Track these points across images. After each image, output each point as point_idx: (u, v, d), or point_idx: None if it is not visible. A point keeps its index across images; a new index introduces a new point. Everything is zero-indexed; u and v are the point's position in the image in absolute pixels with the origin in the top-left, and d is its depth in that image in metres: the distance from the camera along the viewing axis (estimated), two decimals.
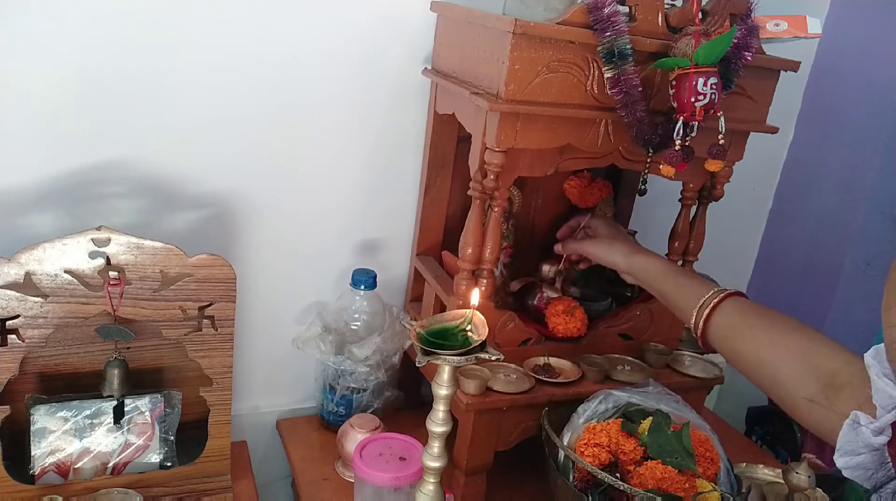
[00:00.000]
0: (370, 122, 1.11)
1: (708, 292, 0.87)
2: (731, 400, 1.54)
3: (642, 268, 0.98)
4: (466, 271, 0.97)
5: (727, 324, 0.83)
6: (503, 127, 0.86)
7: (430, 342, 0.72)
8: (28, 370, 0.91)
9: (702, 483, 0.84)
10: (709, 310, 0.85)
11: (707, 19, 0.90)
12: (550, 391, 0.98)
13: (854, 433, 0.62)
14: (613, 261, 1.02)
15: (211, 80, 0.99)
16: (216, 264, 0.88)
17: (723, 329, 0.84)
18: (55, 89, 0.92)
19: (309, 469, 1.09)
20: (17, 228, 0.95)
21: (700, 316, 0.85)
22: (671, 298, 0.93)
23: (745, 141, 1.02)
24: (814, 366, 0.73)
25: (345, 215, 1.15)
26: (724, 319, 0.84)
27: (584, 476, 0.87)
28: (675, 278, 0.94)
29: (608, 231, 1.08)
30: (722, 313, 0.84)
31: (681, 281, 0.92)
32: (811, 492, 0.93)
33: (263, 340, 1.15)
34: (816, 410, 0.71)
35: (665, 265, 0.97)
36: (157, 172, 1.01)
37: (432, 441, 0.76)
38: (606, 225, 1.09)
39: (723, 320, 0.84)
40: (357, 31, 1.05)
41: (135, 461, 0.94)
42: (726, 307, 0.84)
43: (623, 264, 1.00)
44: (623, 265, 1.00)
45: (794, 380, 0.74)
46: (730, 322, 0.83)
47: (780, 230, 1.57)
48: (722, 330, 0.84)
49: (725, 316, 0.84)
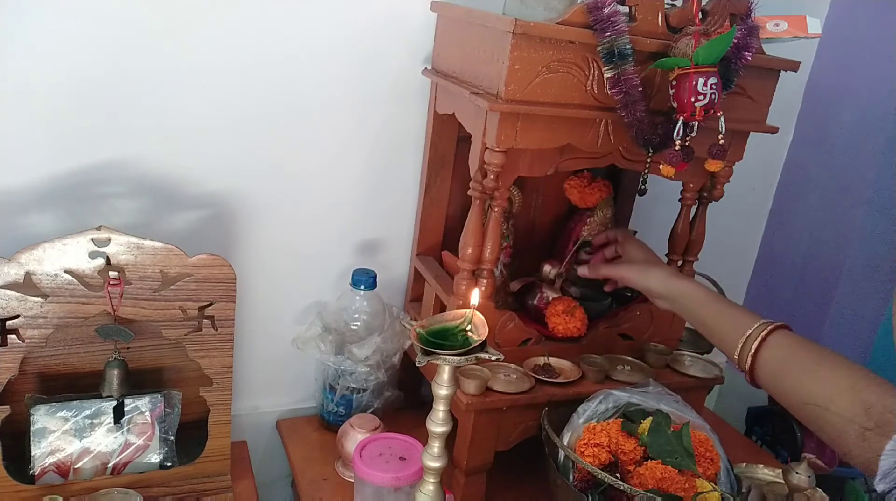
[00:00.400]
0: (370, 122, 1.11)
1: (754, 324, 0.83)
2: (731, 400, 1.54)
3: (681, 295, 0.94)
4: (466, 271, 0.97)
5: (776, 359, 0.80)
6: (503, 127, 0.86)
7: (430, 342, 0.72)
8: (28, 370, 0.91)
9: (702, 483, 0.84)
10: (756, 344, 0.81)
11: (707, 19, 0.90)
12: (550, 391, 0.98)
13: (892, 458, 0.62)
14: (648, 287, 0.98)
15: (211, 80, 0.99)
16: (216, 264, 0.88)
17: (771, 365, 0.81)
18: (55, 89, 0.92)
19: (309, 469, 1.09)
20: (17, 228, 0.95)
21: (747, 350, 0.82)
22: (712, 328, 0.89)
23: (745, 141, 1.02)
24: (866, 404, 0.71)
25: (345, 215, 1.15)
26: (772, 354, 0.81)
27: (584, 476, 0.87)
28: (716, 306, 0.90)
29: (642, 254, 1.04)
30: (770, 347, 0.81)
31: (723, 311, 0.89)
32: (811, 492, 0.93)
33: (263, 340, 1.15)
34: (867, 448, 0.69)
35: (705, 293, 0.93)
36: (157, 172, 1.01)
37: (432, 441, 0.77)
38: (638, 247, 1.05)
39: (771, 355, 0.81)
40: (357, 32, 1.05)
41: (135, 461, 0.94)
42: (774, 341, 0.81)
43: (661, 289, 0.97)
44: (661, 292, 0.97)
45: (847, 419, 0.72)
46: (779, 358, 0.80)
47: (780, 230, 1.57)
48: (770, 366, 0.81)
49: (774, 351, 0.81)
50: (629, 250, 1.05)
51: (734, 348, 0.84)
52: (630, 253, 1.05)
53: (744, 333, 0.83)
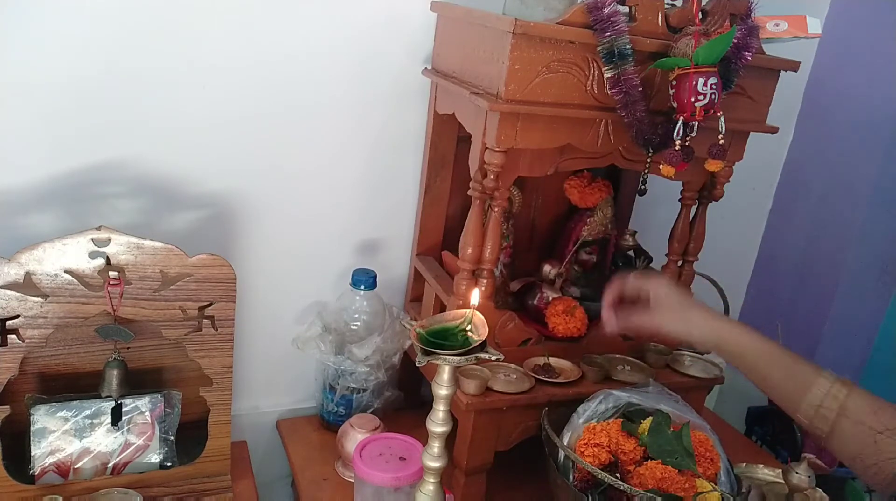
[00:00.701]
0: (370, 122, 1.11)
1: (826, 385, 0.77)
2: (731, 400, 1.54)
3: (735, 346, 0.84)
4: (466, 271, 0.97)
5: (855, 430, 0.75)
6: (503, 127, 0.86)
7: (430, 342, 0.72)
8: (28, 370, 0.91)
9: (702, 483, 0.84)
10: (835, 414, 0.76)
11: (707, 19, 0.90)
12: (550, 391, 0.98)
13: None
14: (690, 335, 0.87)
15: (211, 80, 0.99)
16: (216, 264, 0.88)
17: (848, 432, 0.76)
18: (55, 89, 0.92)
19: (309, 469, 1.09)
20: (17, 228, 0.95)
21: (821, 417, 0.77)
22: (775, 384, 0.82)
23: (745, 141, 1.02)
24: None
25: (345, 215, 1.15)
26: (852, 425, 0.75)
27: (584, 476, 0.87)
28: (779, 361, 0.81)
29: (675, 298, 0.89)
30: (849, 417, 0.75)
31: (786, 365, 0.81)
32: (811, 492, 0.93)
33: (263, 340, 1.15)
34: None
35: (763, 343, 0.83)
36: (157, 172, 1.01)
37: (432, 441, 0.76)
38: (667, 287, 0.91)
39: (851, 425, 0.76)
40: (357, 32, 1.05)
41: (135, 461, 0.94)
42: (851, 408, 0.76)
43: (708, 340, 0.86)
44: (707, 340, 0.86)
45: None
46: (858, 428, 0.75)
47: (780, 230, 1.57)
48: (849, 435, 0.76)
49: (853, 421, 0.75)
50: (657, 294, 0.90)
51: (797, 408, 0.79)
52: (660, 296, 0.89)
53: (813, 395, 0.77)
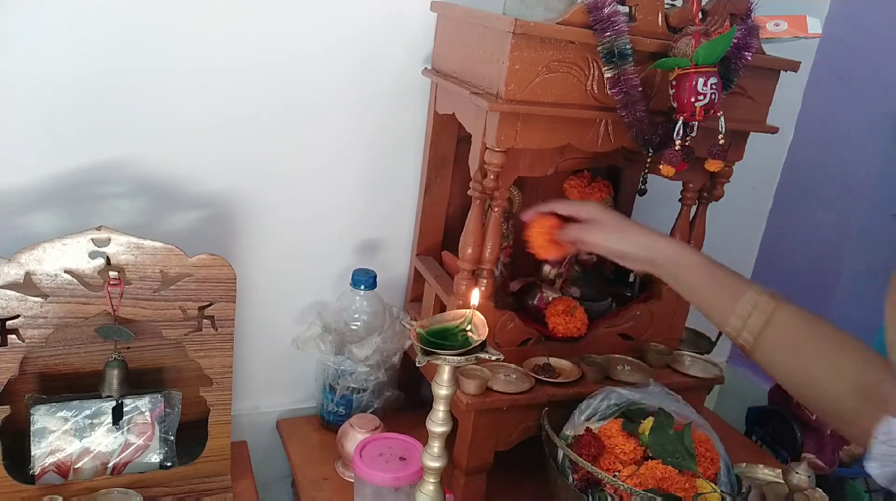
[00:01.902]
0: (370, 122, 1.11)
1: (755, 297, 0.76)
2: (731, 400, 1.54)
3: (669, 259, 0.82)
4: (466, 271, 0.97)
5: (780, 339, 0.75)
6: (503, 127, 0.86)
7: (430, 342, 0.72)
8: (28, 370, 0.91)
9: (702, 484, 0.84)
10: (761, 324, 0.75)
11: (707, 19, 0.90)
12: (550, 391, 0.98)
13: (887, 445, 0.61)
14: (627, 251, 0.85)
15: (211, 80, 0.99)
16: (216, 264, 0.88)
17: (775, 345, 0.75)
18: (55, 89, 0.92)
19: (309, 469, 1.09)
20: (17, 228, 0.95)
21: (748, 328, 0.76)
22: (705, 297, 0.80)
23: (745, 141, 1.03)
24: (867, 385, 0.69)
25: (345, 215, 1.15)
26: (777, 334, 0.75)
27: (584, 475, 0.87)
28: (710, 273, 0.80)
29: (613, 216, 0.89)
30: (775, 327, 0.75)
31: (718, 278, 0.80)
32: (811, 492, 0.93)
33: (263, 340, 1.15)
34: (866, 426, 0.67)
35: (697, 256, 0.82)
36: (157, 172, 1.01)
37: (432, 441, 0.76)
38: (604, 209, 0.90)
39: (776, 335, 0.75)
40: (357, 31, 1.05)
41: (135, 461, 0.94)
42: (778, 320, 0.75)
43: (644, 253, 0.84)
44: (645, 255, 0.84)
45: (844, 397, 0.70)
46: (782, 337, 0.75)
47: (780, 230, 1.57)
48: (773, 345, 0.75)
49: (779, 331, 0.75)
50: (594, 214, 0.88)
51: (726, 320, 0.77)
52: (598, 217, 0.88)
53: (741, 306, 0.76)
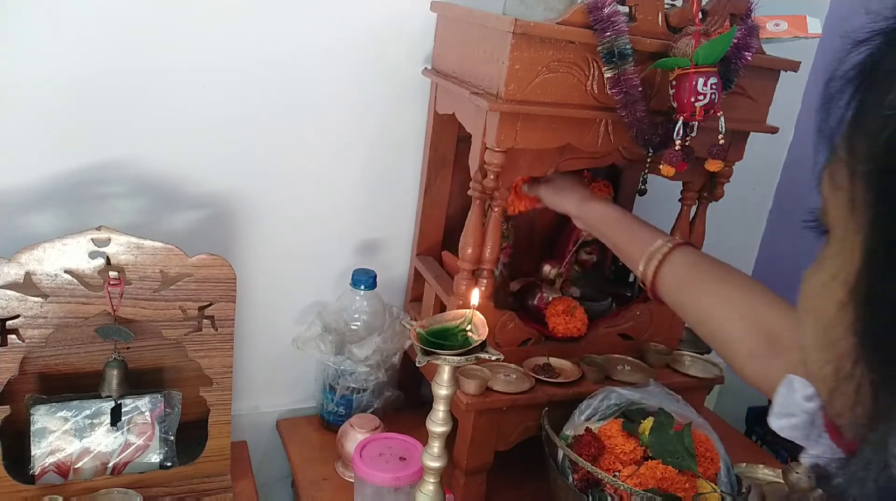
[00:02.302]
0: (370, 122, 1.11)
1: (657, 241, 0.84)
2: (731, 400, 1.54)
3: (595, 216, 0.94)
4: (466, 271, 0.97)
5: (676, 275, 0.82)
6: (503, 127, 0.86)
7: (430, 342, 0.72)
8: (28, 370, 0.91)
9: (702, 484, 0.84)
10: (658, 261, 0.83)
11: (707, 19, 0.90)
12: (550, 391, 0.98)
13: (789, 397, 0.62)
14: (565, 207, 0.99)
15: (211, 80, 0.99)
16: (216, 264, 0.88)
17: (671, 280, 0.82)
18: (55, 89, 0.92)
19: (309, 469, 1.09)
20: (17, 228, 0.95)
21: (649, 267, 0.83)
22: (622, 247, 0.90)
23: (745, 141, 1.02)
24: (760, 324, 0.72)
25: (345, 215, 1.15)
26: (673, 270, 0.82)
27: (584, 475, 0.87)
28: (627, 226, 0.91)
29: (563, 180, 1.03)
30: (671, 264, 0.82)
31: (632, 230, 0.89)
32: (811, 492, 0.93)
33: (263, 340, 1.15)
34: (757, 367, 0.71)
35: (617, 213, 0.93)
36: (157, 172, 1.01)
37: (432, 441, 0.76)
38: (562, 176, 1.04)
39: (672, 271, 0.82)
40: (357, 31, 1.05)
41: (135, 461, 0.94)
42: (676, 258, 0.82)
43: (575, 210, 0.97)
44: (575, 211, 0.97)
45: (739, 336, 0.73)
46: (679, 274, 0.82)
47: (780, 230, 1.57)
48: (670, 282, 0.82)
49: (675, 267, 0.82)
50: (554, 177, 1.03)
51: (638, 265, 0.85)
52: (555, 179, 1.03)
53: (647, 250, 0.84)
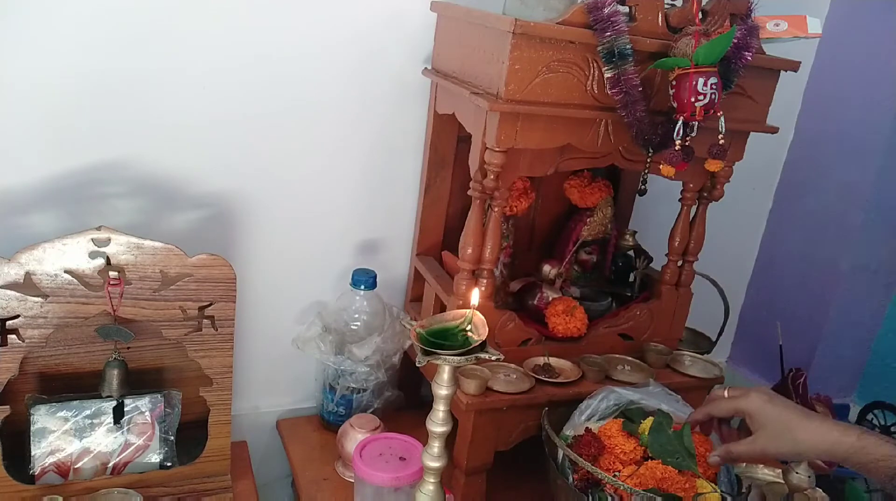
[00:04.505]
0: (370, 122, 1.11)
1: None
2: None
3: (844, 453, 0.78)
4: (466, 271, 0.97)
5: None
6: (503, 127, 0.86)
7: (430, 342, 0.72)
8: (28, 370, 0.91)
9: (702, 484, 0.84)
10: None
11: (707, 19, 0.90)
12: (550, 391, 0.98)
13: None
14: (801, 455, 0.81)
15: (211, 80, 0.99)
16: (216, 264, 0.88)
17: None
18: (55, 89, 0.92)
19: (309, 469, 1.09)
20: (17, 228, 0.95)
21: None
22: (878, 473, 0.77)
23: (745, 141, 1.03)
24: None
25: (345, 216, 1.15)
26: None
27: (584, 475, 0.87)
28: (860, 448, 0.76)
29: (775, 417, 0.81)
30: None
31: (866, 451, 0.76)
32: (811, 492, 0.93)
33: (263, 340, 1.15)
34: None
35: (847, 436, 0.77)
36: (157, 172, 1.01)
37: (432, 441, 0.76)
38: (764, 406, 0.82)
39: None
40: (357, 31, 1.05)
41: (135, 461, 0.94)
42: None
43: (820, 454, 0.80)
44: (822, 456, 0.81)
45: None
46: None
47: (780, 230, 1.57)
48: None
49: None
50: (751, 410, 0.82)
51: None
52: (755, 414, 0.82)
53: None
